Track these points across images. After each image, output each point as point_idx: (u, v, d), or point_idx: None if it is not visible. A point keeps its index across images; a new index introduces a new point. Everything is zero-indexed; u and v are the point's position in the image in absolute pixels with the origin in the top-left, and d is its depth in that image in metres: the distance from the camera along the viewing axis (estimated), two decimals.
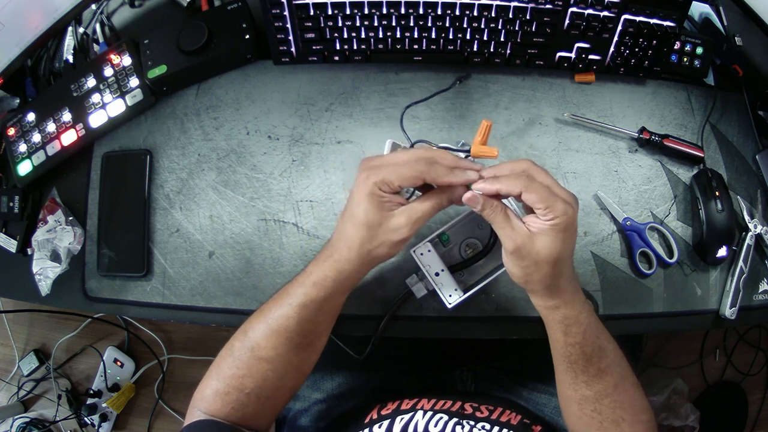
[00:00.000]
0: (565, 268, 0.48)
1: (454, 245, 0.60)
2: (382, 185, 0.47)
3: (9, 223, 0.72)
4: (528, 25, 0.66)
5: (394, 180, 0.46)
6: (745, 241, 0.66)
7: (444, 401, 0.60)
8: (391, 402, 0.61)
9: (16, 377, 1.46)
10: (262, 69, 0.72)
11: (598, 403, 0.52)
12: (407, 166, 0.47)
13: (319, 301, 0.52)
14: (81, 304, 0.69)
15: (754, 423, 1.36)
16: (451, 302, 0.56)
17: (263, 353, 0.52)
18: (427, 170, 0.47)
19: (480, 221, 0.59)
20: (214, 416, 0.52)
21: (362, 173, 0.48)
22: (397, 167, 0.47)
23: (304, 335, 0.53)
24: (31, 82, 0.76)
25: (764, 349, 1.39)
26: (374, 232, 0.48)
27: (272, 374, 0.53)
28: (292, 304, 0.52)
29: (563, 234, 0.46)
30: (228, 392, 0.52)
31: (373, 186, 0.47)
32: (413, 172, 0.46)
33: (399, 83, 0.70)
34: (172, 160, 0.70)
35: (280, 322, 0.52)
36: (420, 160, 0.47)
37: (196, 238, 0.68)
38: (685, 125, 0.70)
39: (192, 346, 1.43)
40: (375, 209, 0.47)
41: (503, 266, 0.57)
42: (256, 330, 0.53)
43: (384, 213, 0.47)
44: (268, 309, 0.53)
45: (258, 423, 0.55)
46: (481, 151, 0.55)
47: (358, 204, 0.48)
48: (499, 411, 0.60)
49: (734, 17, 0.72)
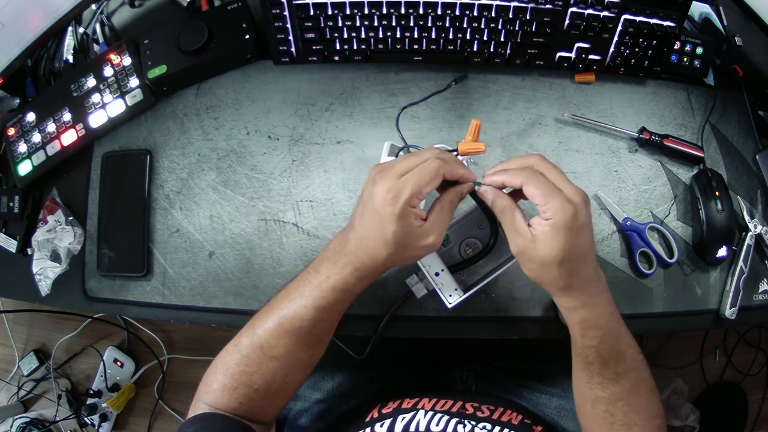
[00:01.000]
0: (579, 268, 0.47)
1: (454, 245, 0.60)
2: (412, 201, 0.46)
3: (9, 223, 0.72)
4: (528, 25, 0.66)
5: (422, 189, 0.46)
6: (745, 241, 0.66)
7: (445, 401, 0.60)
8: (392, 401, 0.61)
9: (16, 377, 1.46)
10: (262, 69, 0.72)
11: (611, 405, 0.52)
12: (426, 170, 0.46)
13: (336, 304, 0.52)
14: (81, 304, 0.69)
15: (754, 423, 1.36)
16: (451, 302, 0.56)
17: (274, 352, 0.52)
18: (445, 167, 0.47)
19: (479, 221, 0.59)
20: (220, 410, 0.53)
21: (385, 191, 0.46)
22: (418, 176, 0.46)
23: (316, 334, 0.53)
24: (31, 82, 0.76)
25: (764, 349, 1.39)
26: (404, 248, 0.48)
27: (281, 371, 0.53)
28: (308, 307, 0.51)
29: (565, 233, 0.44)
30: (236, 387, 0.52)
31: (404, 207, 0.45)
32: (433, 174, 0.46)
33: (399, 83, 0.70)
34: (172, 160, 0.70)
35: (293, 323, 0.52)
36: (434, 160, 0.47)
37: (196, 238, 0.68)
38: (685, 125, 0.70)
39: (192, 346, 1.43)
40: (406, 229, 0.46)
41: (503, 266, 0.57)
42: (266, 328, 0.53)
43: (417, 230, 0.47)
44: (279, 308, 0.53)
45: (264, 417, 0.55)
46: (469, 147, 0.56)
47: (388, 224, 0.46)
48: (500, 411, 0.60)
49: (734, 17, 0.72)
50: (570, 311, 0.50)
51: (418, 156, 0.48)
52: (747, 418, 1.36)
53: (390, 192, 0.45)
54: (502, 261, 0.58)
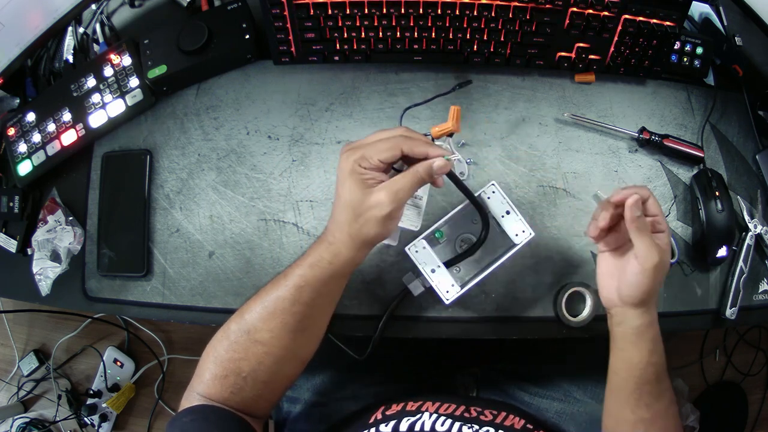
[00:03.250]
0: None
1: (449, 241, 0.60)
2: (362, 161, 0.48)
3: (9, 223, 0.72)
4: (528, 25, 0.66)
5: (373, 155, 0.47)
6: (745, 241, 0.66)
7: (448, 404, 0.60)
8: (395, 404, 0.61)
9: (16, 377, 1.45)
10: (262, 69, 0.71)
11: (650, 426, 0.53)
12: (384, 140, 0.48)
13: (314, 283, 0.52)
14: (81, 304, 0.69)
15: (754, 423, 1.36)
16: (448, 298, 0.56)
17: (259, 336, 0.52)
18: (404, 141, 0.48)
19: (473, 216, 0.59)
20: (214, 400, 0.53)
21: (343, 154, 0.49)
22: (375, 143, 0.48)
23: (300, 318, 0.53)
24: (31, 82, 0.76)
25: (764, 349, 1.39)
26: (359, 211, 0.48)
27: (267, 358, 0.53)
28: (288, 285, 0.52)
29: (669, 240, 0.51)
30: (226, 376, 0.52)
31: (353, 164, 0.48)
32: (389, 144, 0.48)
33: (399, 83, 0.70)
34: (172, 160, 0.70)
35: (276, 303, 0.52)
36: (397, 135, 0.49)
37: (196, 238, 0.68)
38: (685, 125, 0.70)
39: (192, 346, 1.43)
40: (357, 187, 0.48)
41: (499, 259, 0.57)
42: (253, 312, 0.53)
43: (366, 190, 0.48)
44: (265, 291, 0.53)
45: (256, 409, 0.55)
46: (440, 128, 0.57)
47: (341, 184, 0.49)
48: (503, 415, 0.60)
49: (734, 17, 0.72)
50: (647, 327, 0.52)
51: (386, 130, 0.50)
52: (747, 418, 1.36)
53: (344, 153, 0.49)
54: (498, 255, 0.58)
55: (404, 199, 0.49)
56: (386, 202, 0.48)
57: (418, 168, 0.49)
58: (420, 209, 0.58)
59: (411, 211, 0.58)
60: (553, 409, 0.72)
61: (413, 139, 0.49)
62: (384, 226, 0.49)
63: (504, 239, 0.58)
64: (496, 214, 0.57)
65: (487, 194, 0.57)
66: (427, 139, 0.51)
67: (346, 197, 0.49)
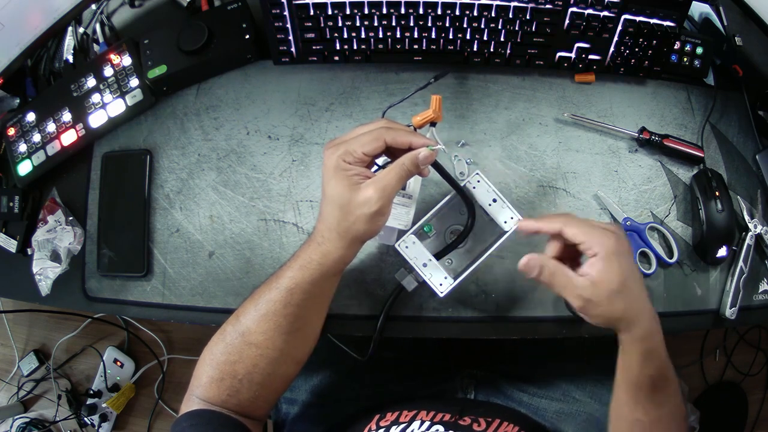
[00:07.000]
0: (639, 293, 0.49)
1: (439, 234, 0.60)
2: (345, 156, 0.47)
3: (9, 223, 0.72)
4: (528, 25, 0.66)
5: (357, 148, 0.47)
6: (745, 241, 0.66)
7: (443, 414, 0.60)
8: (390, 413, 0.61)
9: (16, 377, 1.45)
10: (262, 69, 0.71)
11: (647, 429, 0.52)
12: (367, 133, 0.48)
13: (305, 284, 0.52)
14: (81, 304, 0.69)
15: (754, 423, 1.36)
16: (442, 291, 0.56)
17: (253, 338, 0.52)
18: (386, 132, 0.48)
19: (461, 207, 0.58)
20: (212, 403, 0.53)
21: (326, 152, 0.49)
22: (357, 137, 0.48)
23: (292, 320, 0.53)
24: (31, 82, 0.76)
25: (764, 349, 1.39)
26: (347, 209, 0.48)
27: (262, 360, 0.53)
28: (279, 288, 0.52)
29: (617, 258, 0.47)
30: (222, 378, 0.53)
31: (337, 160, 0.48)
32: (372, 136, 0.48)
33: (399, 83, 0.70)
34: (172, 160, 0.70)
35: (268, 306, 0.52)
36: (379, 127, 0.48)
37: (196, 238, 0.68)
38: (685, 125, 0.70)
39: (192, 346, 1.43)
40: (343, 184, 0.48)
41: (490, 248, 0.57)
42: (247, 315, 0.53)
43: (352, 187, 0.48)
44: (259, 293, 0.54)
45: (254, 410, 0.55)
46: (422, 117, 0.56)
47: (327, 183, 0.49)
48: (497, 423, 0.59)
49: (734, 17, 0.72)
50: (637, 342, 0.50)
51: (368, 124, 0.50)
52: (747, 419, 1.36)
53: (327, 150, 0.49)
54: (489, 243, 0.58)
55: (392, 195, 0.49)
56: (374, 198, 0.47)
57: (403, 160, 0.49)
58: (410, 208, 0.58)
59: (401, 210, 0.58)
60: (552, 409, 0.72)
61: (396, 129, 0.48)
62: (373, 222, 0.49)
63: (494, 227, 0.58)
64: (483, 202, 0.57)
65: (472, 184, 0.56)
66: (410, 129, 0.50)
67: (333, 196, 0.48)
